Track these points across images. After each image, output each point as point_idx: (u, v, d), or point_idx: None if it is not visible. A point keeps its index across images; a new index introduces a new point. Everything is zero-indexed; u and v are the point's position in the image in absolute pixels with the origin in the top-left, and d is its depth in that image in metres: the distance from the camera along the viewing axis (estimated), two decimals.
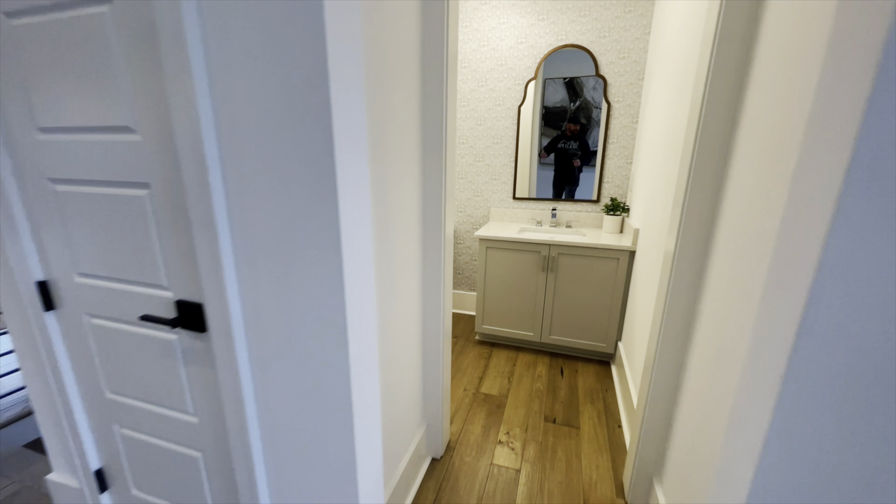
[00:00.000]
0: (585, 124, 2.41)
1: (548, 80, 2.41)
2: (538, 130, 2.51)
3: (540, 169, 2.57)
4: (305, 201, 0.68)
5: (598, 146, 2.41)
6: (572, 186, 2.53)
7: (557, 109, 2.44)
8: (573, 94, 2.39)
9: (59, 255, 0.96)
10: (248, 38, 0.63)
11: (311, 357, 0.78)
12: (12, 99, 0.86)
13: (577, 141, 2.43)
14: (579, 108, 2.40)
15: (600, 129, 2.38)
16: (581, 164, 2.47)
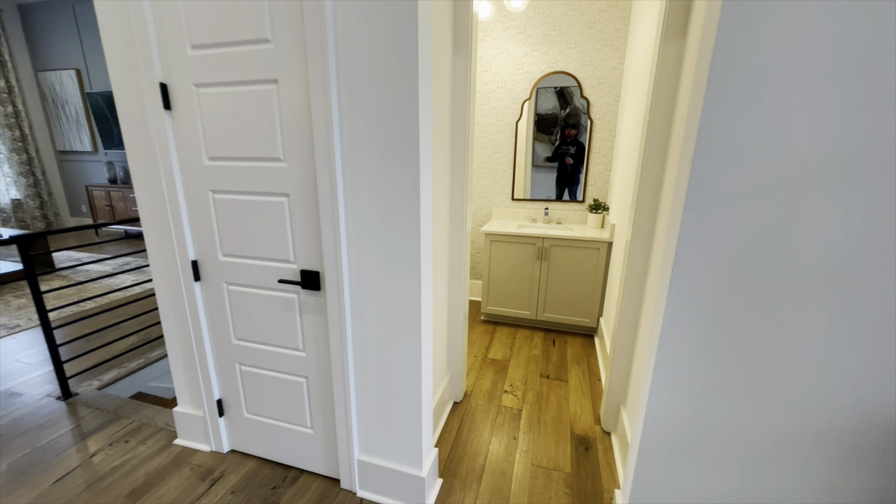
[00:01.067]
0: (575, 132, 2.87)
1: (540, 89, 2.84)
2: (532, 141, 2.97)
3: (535, 173, 3.03)
4: (397, 199, 1.13)
5: (585, 154, 2.88)
6: (573, 186, 2.97)
7: (549, 116, 2.89)
8: (564, 101, 2.83)
9: (208, 241, 1.40)
10: (367, 109, 1.08)
11: (395, 309, 1.23)
12: (190, 138, 1.30)
13: (574, 145, 2.88)
14: (569, 114, 2.84)
15: (586, 142, 2.85)
16: (576, 164, 2.91)
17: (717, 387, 1.04)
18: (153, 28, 1.22)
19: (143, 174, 1.39)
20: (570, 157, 2.90)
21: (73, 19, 5.47)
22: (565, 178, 2.96)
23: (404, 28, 1.00)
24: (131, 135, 1.36)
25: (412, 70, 1.02)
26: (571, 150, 2.90)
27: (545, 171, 3.00)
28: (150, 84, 1.26)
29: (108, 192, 5.66)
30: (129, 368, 2.37)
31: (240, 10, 1.12)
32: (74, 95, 5.84)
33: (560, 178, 2.98)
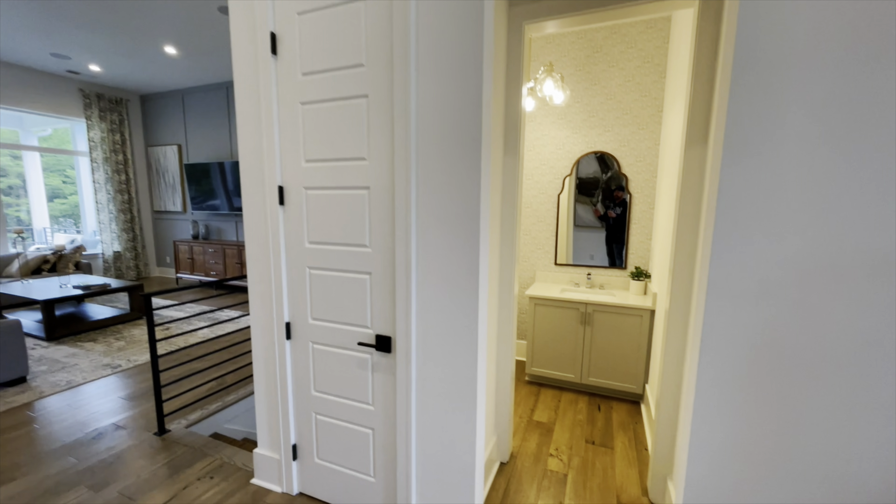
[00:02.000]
0: (622, 196, 3.07)
1: (581, 157, 3.10)
2: (574, 205, 3.19)
3: (576, 233, 3.21)
4: (460, 279, 1.38)
5: (626, 216, 3.05)
6: (616, 249, 3.13)
7: (591, 179, 3.12)
8: (604, 166, 3.07)
9: (301, 307, 1.71)
10: (437, 207, 1.37)
11: (454, 374, 1.44)
12: (296, 226, 1.65)
13: (621, 206, 3.07)
14: (611, 178, 3.07)
15: (626, 212, 3.04)
16: (619, 224, 3.08)
17: (749, 460, 1.13)
18: (278, 148, 1.63)
19: (255, 252, 1.75)
20: (615, 218, 3.07)
21: (181, 105, 6.62)
22: (609, 238, 3.13)
23: (471, 141, 1.31)
24: (252, 222, 1.74)
25: (476, 177, 1.31)
26: (617, 211, 3.06)
27: (586, 233, 3.19)
28: (270, 187, 1.65)
29: (191, 247, 6.45)
30: (209, 410, 2.68)
31: (344, 140, 1.49)
32: (174, 165, 6.90)
33: (607, 239, 3.14)
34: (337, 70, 1.48)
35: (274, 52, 1.57)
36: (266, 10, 1.54)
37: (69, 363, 3.41)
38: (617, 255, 3.12)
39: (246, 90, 1.65)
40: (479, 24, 1.24)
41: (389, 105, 1.40)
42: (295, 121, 1.58)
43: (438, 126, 1.34)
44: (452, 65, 1.29)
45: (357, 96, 1.45)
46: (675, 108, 2.37)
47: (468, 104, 1.29)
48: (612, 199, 3.08)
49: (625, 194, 3.03)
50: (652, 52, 2.82)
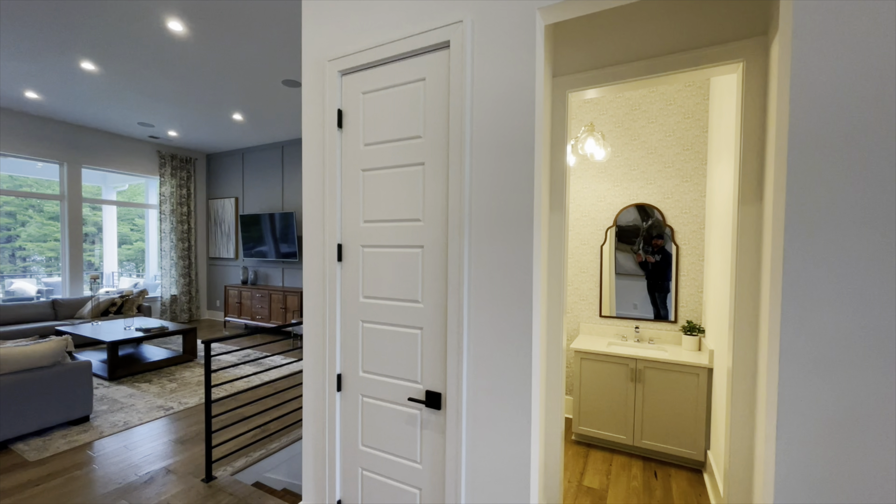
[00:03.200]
0: (662, 244, 3.02)
1: (623, 209, 3.11)
2: (614, 253, 3.15)
3: (619, 282, 3.15)
4: (513, 338, 1.39)
5: (672, 276, 2.97)
6: (664, 295, 3.04)
7: (630, 228, 3.10)
8: (644, 214, 3.05)
9: (353, 359, 1.76)
10: (490, 267, 1.42)
11: (506, 437, 1.41)
12: (352, 281, 1.75)
13: (660, 253, 3.02)
14: (651, 226, 3.04)
15: (672, 266, 2.97)
16: (662, 272, 3.02)
17: None
18: (339, 209, 1.77)
19: (312, 304, 1.85)
20: (654, 264, 3.02)
21: (241, 163, 7.28)
22: (651, 287, 3.04)
23: (524, 206, 1.37)
24: (311, 276, 1.86)
25: (528, 236, 1.36)
26: (657, 257, 3.00)
27: (628, 281, 3.11)
28: (330, 244, 1.77)
29: (240, 291, 6.80)
30: (253, 458, 2.71)
31: (400, 203, 1.61)
32: (230, 216, 7.47)
33: (649, 288, 3.05)
34: (396, 141, 1.62)
35: (340, 125, 1.75)
36: (335, 91, 1.74)
37: (127, 403, 3.59)
38: (661, 305, 3.01)
39: (313, 158, 1.83)
40: (530, 100, 1.35)
41: (444, 171, 1.51)
42: (355, 185, 1.73)
43: (491, 190, 1.42)
44: (505, 132, 1.39)
45: (414, 164, 1.58)
46: (721, 162, 2.37)
47: (519, 168, 1.37)
48: (651, 246, 3.03)
49: (666, 243, 2.97)
50: (692, 109, 2.87)
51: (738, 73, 1.65)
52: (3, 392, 2.74)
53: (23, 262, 6.34)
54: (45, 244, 6.29)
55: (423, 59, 1.55)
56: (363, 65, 1.68)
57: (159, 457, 2.70)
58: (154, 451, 2.77)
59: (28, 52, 3.70)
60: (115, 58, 3.79)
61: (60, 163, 5.88)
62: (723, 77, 2.47)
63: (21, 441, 2.87)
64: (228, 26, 3.22)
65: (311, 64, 1.83)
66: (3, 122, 5.26)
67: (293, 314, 5.97)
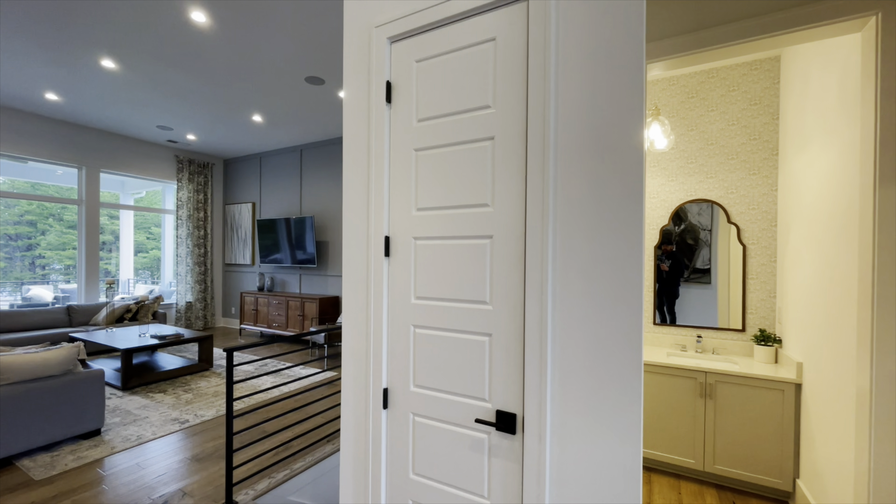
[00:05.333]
0: (693, 244, 2.77)
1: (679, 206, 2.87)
2: (669, 264, 2.89)
3: (682, 294, 2.86)
4: (613, 346, 1.12)
5: (738, 282, 2.67)
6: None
7: (688, 229, 2.85)
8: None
9: (402, 371, 1.51)
10: (583, 258, 1.16)
11: (606, 464, 1.14)
12: (402, 280, 1.50)
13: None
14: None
15: (731, 264, 2.67)
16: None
17: None
18: (387, 196, 1.53)
19: (353, 306, 1.61)
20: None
21: (258, 167, 7.16)
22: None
23: (628, 185, 1.11)
24: (351, 275, 1.62)
25: (635, 219, 1.10)
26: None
27: (684, 288, 2.82)
28: (376, 237, 1.53)
29: (256, 298, 6.61)
30: (276, 479, 2.45)
31: (462, 186, 1.36)
32: (247, 221, 7.33)
33: (707, 293, 2.76)
34: (458, 114, 1.38)
35: (388, 100, 1.52)
36: (383, 60, 1.52)
37: (140, 415, 3.37)
38: (722, 312, 2.71)
39: (355, 140, 1.60)
40: (635, 54, 1.10)
41: (521, 146, 1.26)
42: (406, 169, 1.49)
43: (583, 168, 1.17)
44: (601, 96, 1.14)
45: (481, 139, 1.34)
46: (807, 149, 2.09)
47: (622, 141, 1.12)
48: (705, 250, 2.77)
49: (702, 241, 2.69)
50: (759, 94, 2.60)
51: (863, 32, 1.38)
52: (9, 403, 2.53)
53: (42, 269, 6.27)
54: (63, 252, 6.21)
55: (492, 15, 1.32)
56: (416, 28, 1.45)
57: (174, 477, 2.46)
58: (169, 470, 2.53)
59: (48, 52, 3.59)
60: (136, 54, 3.66)
61: (79, 167, 5.80)
62: (798, 56, 2.21)
63: (27, 457, 2.66)
64: (253, 16, 3.05)
65: (355, 32, 1.61)
66: (23, 126, 5.19)
67: (312, 322, 5.74)
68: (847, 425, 1.67)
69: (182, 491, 2.32)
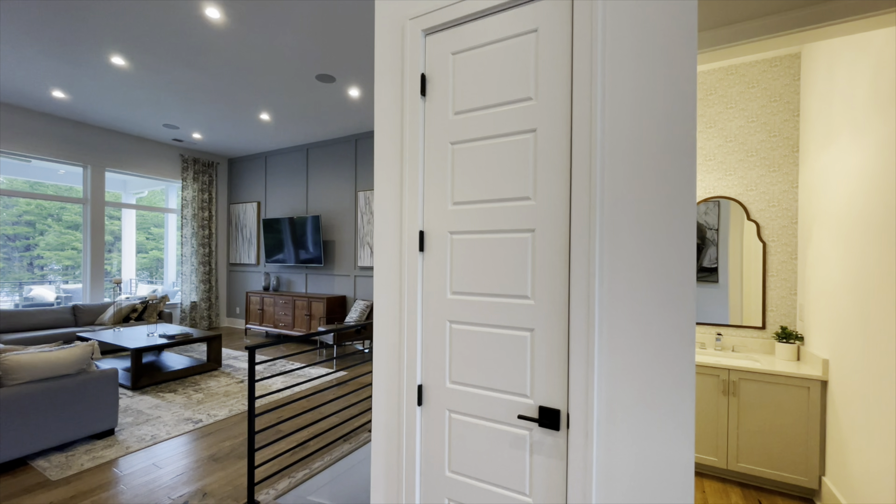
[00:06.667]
0: (700, 244, 2.77)
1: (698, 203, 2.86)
2: None
3: None
4: (666, 340, 1.10)
5: (757, 279, 2.66)
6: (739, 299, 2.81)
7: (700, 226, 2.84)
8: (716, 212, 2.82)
9: (437, 368, 1.49)
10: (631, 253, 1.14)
11: (658, 460, 1.12)
12: (437, 275, 1.48)
13: None
14: None
15: (747, 262, 2.67)
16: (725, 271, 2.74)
17: None
18: (421, 190, 1.51)
19: (385, 303, 1.59)
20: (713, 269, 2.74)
21: (264, 166, 7.12)
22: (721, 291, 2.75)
23: (679, 176, 1.10)
24: (383, 270, 1.60)
25: (686, 204, 1.09)
26: (715, 263, 2.75)
27: (701, 284, 2.81)
28: (410, 232, 1.51)
29: (262, 298, 6.58)
30: (297, 479, 2.43)
31: (502, 179, 1.35)
32: (252, 221, 7.29)
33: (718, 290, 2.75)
34: (497, 106, 1.37)
35: (423, 93, 1.51)
36: (417, 53, 1.50)
37: (153, 415, 3.34)
38: (733, 310, 2.70)
39: (387, 134, 1.59)
40: (687, 41, 1.09)
41: (565, 137, 1.25)
42: (442, 162, 1.47)
43: (631, 158, 1.15)
44: (649, 86, 1.13)
45: (522, 132, 1.32)
46: (833, 145, 2.08)
47: (672, 130, 1.10)
48: (712, 249, 2.76)
49: (709, 241, 2.68)
50: (780, 91, 2.59)
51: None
52: (25, 402, 2.50)
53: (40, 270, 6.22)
54: (62, 253, 6.16)
55: (533, 6, 1.30)
56: (453, 20, 1.44)
57: (193, 476, 2.44)
58: (187, 470, 2.50)
59: (58, 49, 3.56)
60: (147, 51, 3.63)
61: (84, 165, 5.76)
62: (821, 52, 2.20)
63: (42, 457, 2.62)
64: (268, 11, 3.03)
65: (387, 24, 1.59)
66: (29, 125, 5.15)
67: (320, 321, 5.71)
68: (884, 423, 1.66)
69: (202, 491, 2.29)
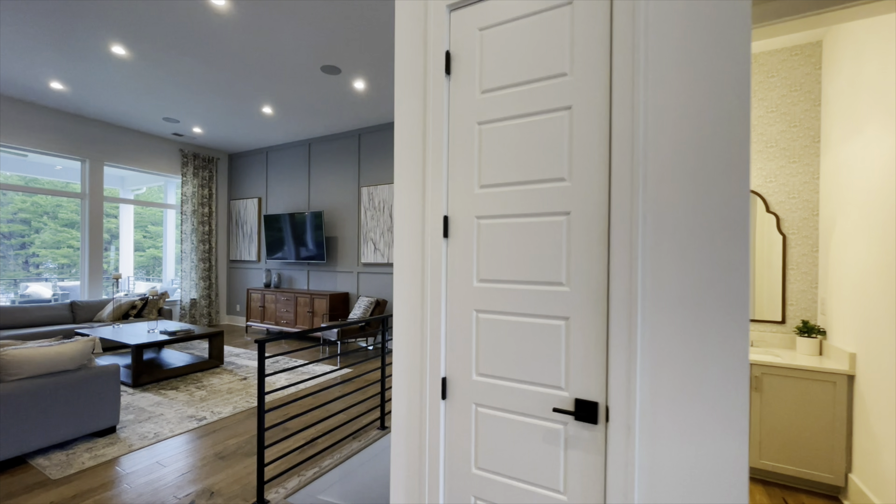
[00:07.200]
0: None
1: None
2: None
3: None
4: (716, 325, 1.04)
5: (776, 273, 2.61)
6: None
7: None
8: None
9: (463, 359, 1.42)
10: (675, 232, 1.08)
11: (707, 458, 1.05)
12: (462, 262, 1.42)
13: None
14: None
15: (763, 255, 2.61)
16: None
17: None
18: (446, 173, 1.44)
19: (406, 292, 1.52)
20: None
21: (265, 162, 7.03)
22: None
23: (731, 146, 1.03)
24: (404, 258, 1.53)
25: (741, 179, 1.03)
26: None
27: None
28: (433, 217, 1.44)
29: (263, 295, 6.49)
30: (307, 477, 2.35)
31: (534, 160, 1.28)
32: (253, 217, 7.20)
33: None
34: (528, 84, 1.30)
35: (448, 72, 1.44)
36: (442, 29, 1.43)
37: (155, 413, 3.26)
38: (756, 303, 2.64)
39: (409, 116, 1.52)
40: (740, 22, 1.02)
41: (604, 114, 1.18)
42: (468, 144, 1.41)
43: (677, 132, 1.09)
44: (697, 54, 1.06)
45: (556, 109, 1.25)
46: (861, 133, 2.03)
47: (723, 100, 1.04)
48: None
49: None
50: (800, 80, 2.54)
51: None
52: (25, 399, 2.42)
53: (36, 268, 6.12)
54: (58, 251, 6.05)
55: None
56: None
57: (199, 475, 2.36)
58: (192, 469, 2.42)
59: (57, 36, 3.47)
60: (149, 40, 3.54)
61: (82, 160, 5.66)
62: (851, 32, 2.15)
63: (41, 455, 2.54)
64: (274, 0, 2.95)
65: (408, 0, 1.52)
66: (26, 118, 5.05)
67: (323, 318, 5.63)
68: None
69: (209, 490, 2.22)
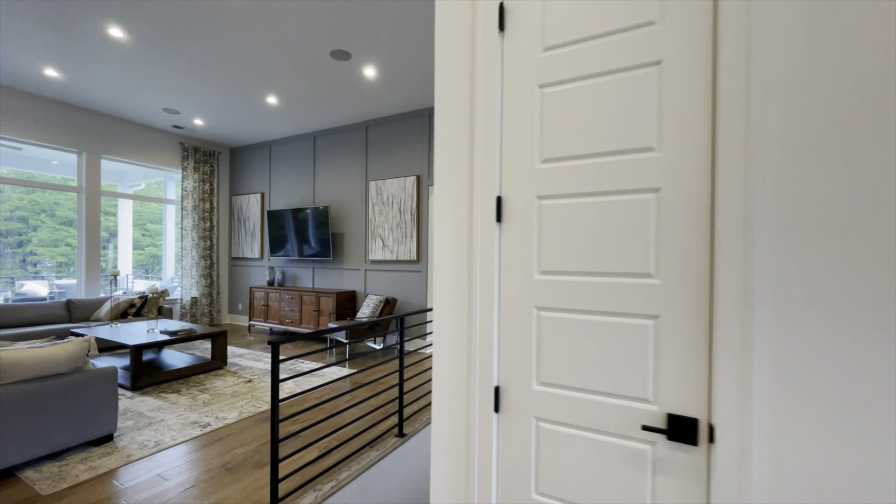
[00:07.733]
0: None
1: None
2: None
3: None
4: (865, 322, 0.83)
5: None
6: None
7: None
8: None
9: (521, 366, 1.21)
10: None
11: (850, 494, 0.84)
12: (519, 250, 1.20)
13: None
14: None
15: None
16: None
17: None
18: (499, 147, 1.23)
19: (448, 286, 1.31)
20: None
21: (268, 156, 6.81)
22: None
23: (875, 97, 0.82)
24: (444, 247, 1.31)
25: None
26: None
27: None
28: (484, 199, 1.23)
29: (267, 293, 6.28)
30: (324, 492, 2.14)
31: (612, 126, 1.07)
32: (255, 213, 6.98)
33: None
34: (605, 36, 1.09)
35: (501, 27, 1.22)
36: None
37: (155, 418, 3.04)
38: None
39: (451, 80, 1.30)
40: None
41: (705, 70, 0.97)
42: (527, 111, 1.19)
43: (809, 86, 0.87)
44: None
45: (641, 65, 1.04)
46: None
47: (860, 45, 0.83)
48: None
49: None
50: None
51: None
52: (13, 405, 2.20)
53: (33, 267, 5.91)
54: (56, 249, 5.84)
55: None
56: None
57: (205, 490, 2.15)
58: (197, 482, 2.21)
59: (51, 15, 3.24)
60: (148, 20, 3.32)
61: (79, 152, 5.43)
62: None
63: (31, 467, 2.32)
64: None
65: None
66: (20, 108, 4.82)
67: (329, 317, 5.42)
68: None
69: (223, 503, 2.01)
